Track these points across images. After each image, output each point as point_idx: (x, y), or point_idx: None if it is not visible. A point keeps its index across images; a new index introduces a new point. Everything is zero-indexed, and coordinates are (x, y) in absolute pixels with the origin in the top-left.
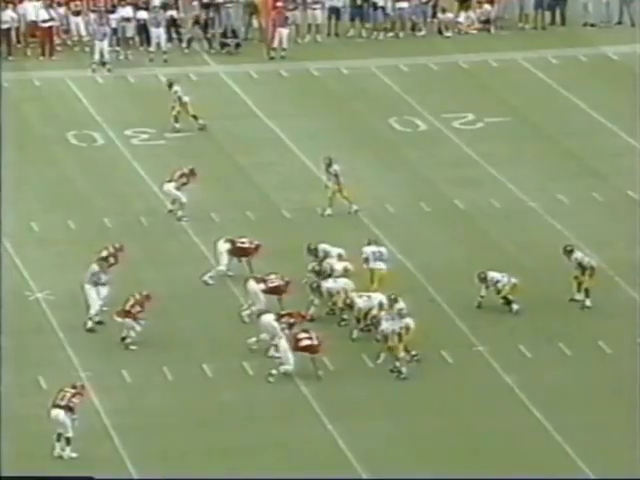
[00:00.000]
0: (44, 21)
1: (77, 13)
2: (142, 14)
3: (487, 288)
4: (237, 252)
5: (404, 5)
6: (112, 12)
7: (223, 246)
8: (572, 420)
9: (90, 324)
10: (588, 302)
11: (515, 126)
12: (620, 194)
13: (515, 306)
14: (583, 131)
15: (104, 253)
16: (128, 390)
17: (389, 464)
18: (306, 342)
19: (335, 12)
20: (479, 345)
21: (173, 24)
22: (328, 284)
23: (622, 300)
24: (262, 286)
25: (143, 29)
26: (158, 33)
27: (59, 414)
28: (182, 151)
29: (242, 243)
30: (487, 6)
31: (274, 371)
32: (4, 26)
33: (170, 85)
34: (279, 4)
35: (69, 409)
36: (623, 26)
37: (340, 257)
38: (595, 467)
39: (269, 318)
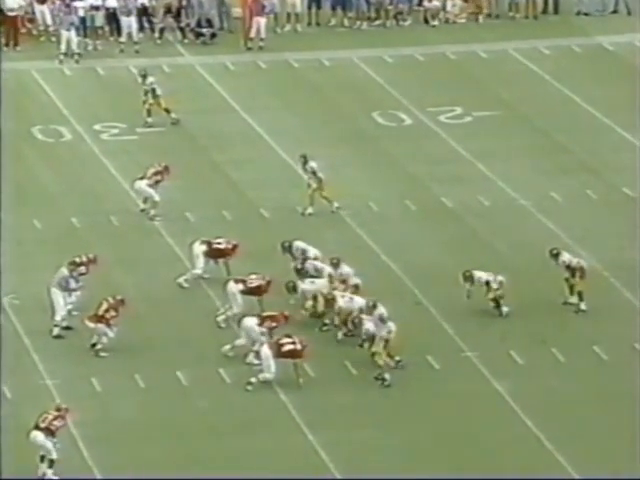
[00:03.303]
0: (11, 10)
1: (42, 1)
2: (111, 2)
3: (472, 285)
4: (214, 253)
5: None
6: (80, 0)
7: (199, 248)
8: (566, 429)
9: (57, 331)
10: (583, 305)
11: (505, 120)
12: (616, 191)
13: (505, 309)
14: (577, 125)
15: (77, 259)
16: (98, 399)
17: (373, 475)
18: (289, 347)
19: (316, 0)
20: (468, 350)
21: (144, 13)
22: (305, 285)
23: (618, 303)
24: (241, 287)
25: (113, 18)
26: (129, 22)
27: (37, 436)
28: (154, 147)
29: (219, 244)
30: None
31: (253, 379)
32: None
33: (144, 77)
34: None
35: (49, 432)
36: (619, 15)
37: (316, 258)
38: (589, 477)
39: (251, 322)
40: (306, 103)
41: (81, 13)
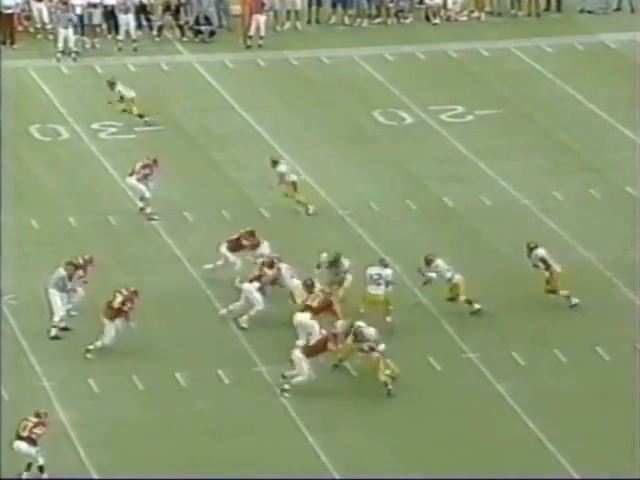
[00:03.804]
0: (7, 7)
1: None
2: None
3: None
4: (237, 248)
5: None
6: None
7: (223, 247)
8: (567, 430)
9: (54, 332)
10: (575, 300)
11: (507, 119)
12: (619, 190)
13: (477, 306)
14: (579, 124)
15: (74, 260)
16: (95, 401)
17: (373, 476)
18: (313, 340)
19: None
20: (469, 352)
21: (143, 10)
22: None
23: (621, 303)
24: (257, 284)
25: (111, 16)
26: (127, 20)
27: (20, 446)
28: (153, 146)
29: (238, 239)
30: None
31: (287, 385)
32: None
33: (112, 85)
34: None
35: (31, 441)
36: (622, 12)
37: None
38: (590, 478)
39: (305, 317)
40: (306, 102)
41: (79, 11)
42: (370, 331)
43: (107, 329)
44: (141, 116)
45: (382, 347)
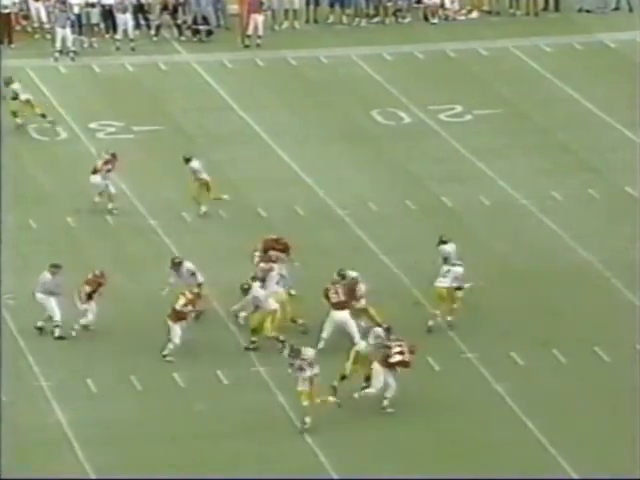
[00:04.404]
0: (5, 7)
1: None
2: None
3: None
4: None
5: None
6: None
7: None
8: (566, 430)
9: (58, 332)
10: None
11: (506, 118)
12: (618, 190)
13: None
14: (578, 124)
15: (89, 275)
16: (94, 401)
17: (374, 477)
18: (397, 358)
19: None
20: (468, 352)
21: (140, 10)
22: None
23: (620, 303)
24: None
25: (109, 15)
26: (125, 19)
27: None
28: (151, 146)
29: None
30: None
31: (355, 395)
32: None
33: (8, 84)
34: None
35: None
36: (621, 12)
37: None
38: (590, 479)
39: (345, 315)
40: (304, 101)
41: (76, 10)
42: (308, 352)
43: (173, 330)
44: (44, 115)
45: (315, 371)
